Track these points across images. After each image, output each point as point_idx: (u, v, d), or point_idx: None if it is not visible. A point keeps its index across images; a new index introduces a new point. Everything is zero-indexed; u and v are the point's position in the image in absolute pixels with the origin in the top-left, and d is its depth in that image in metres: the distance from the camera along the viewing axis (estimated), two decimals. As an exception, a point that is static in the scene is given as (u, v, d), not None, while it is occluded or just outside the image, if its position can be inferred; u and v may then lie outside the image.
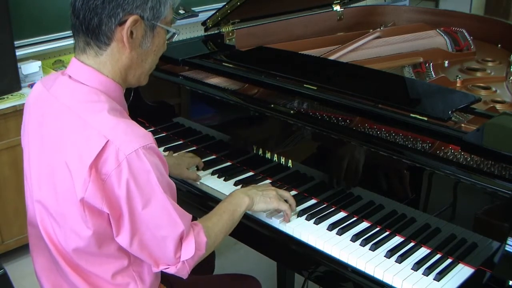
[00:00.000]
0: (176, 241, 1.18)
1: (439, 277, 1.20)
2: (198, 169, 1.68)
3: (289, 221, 1.41)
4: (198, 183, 1.63)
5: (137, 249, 1.16)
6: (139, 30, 1.17)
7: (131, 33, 1.16)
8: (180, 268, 1.21)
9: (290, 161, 1.55)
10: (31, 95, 1.30)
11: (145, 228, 1.14)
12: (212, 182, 1.62)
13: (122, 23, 1.14)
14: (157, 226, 1.15)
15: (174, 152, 1.77)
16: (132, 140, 1.10)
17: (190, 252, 1.20)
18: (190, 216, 1.22)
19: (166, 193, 1.15)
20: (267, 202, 1.39)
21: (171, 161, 1.62)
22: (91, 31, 1.15)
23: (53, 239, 1.22)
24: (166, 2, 1.19)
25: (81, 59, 1.19)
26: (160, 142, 1.85)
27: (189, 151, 1.77)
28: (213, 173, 1.66)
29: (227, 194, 1.54)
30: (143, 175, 1.10)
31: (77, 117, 1.13)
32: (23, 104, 2.46)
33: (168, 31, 1.23)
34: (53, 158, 1.16)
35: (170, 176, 1.22)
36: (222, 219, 1.32)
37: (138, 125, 1.16)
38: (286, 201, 1.42)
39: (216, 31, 2.09)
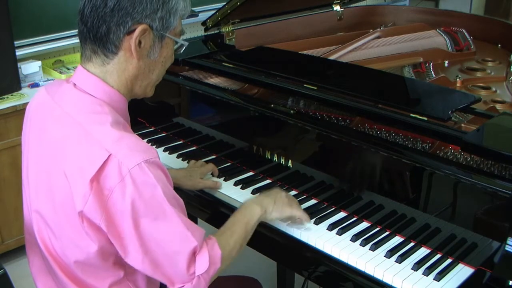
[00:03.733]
0: (189, 256, 1.13)
1: (439, 277, 1.20)
2: (213, 176, 1.64)
3: (309, 220, 1.39)
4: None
5: (149, 269, 1.13)
6: (147, 39, 1.14)
7: (139, 42, 1.13)
8: (196, 284, 1.15)
9: (290, 161, 1.55)
10: (34, 101, 1.28)
11: (155, 245, 1.11)
12: (211, 182, 1.61)
13: (130, 32, 1.12)
14: (168, 242, 1.12)
15: (172, 152, 1.77)
16: (134, 154, 1.07)
17: (204, 266, 1.16)
18: (203, 230, 1.18)
19: (174, 207, 1.12)
20: (280, 211, 1.37)
21: (182, 174, 1.58)
22: (99, 39, 1.13)
23: (50, 249, 1.20)
24: (176, 13, 1.16)
25: (87, 67, 1.17)
26: (160, 142, 1.85)
27: (190, 151, 1.77)
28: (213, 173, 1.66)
29: (227, 194, 1.55)
30: (148, 189, 1.07)
31: (79, 126, 1.11)
32: (23, 104, 2.47)
33: (176, 42, 1.21)
34: (51, 166, 1.14)
35: (180, 189, 1.14)
36: (236, 231, 1.28)
37: (141, 139, 1.14)
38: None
39: (216, 31, 2.09)
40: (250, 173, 1.65)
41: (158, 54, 1.18)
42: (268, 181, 1.60)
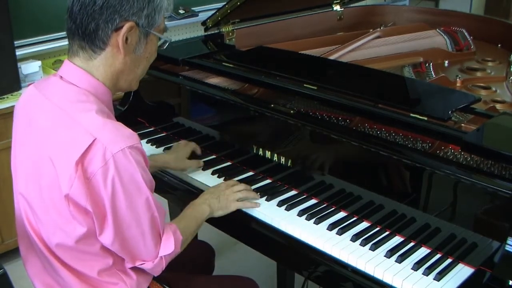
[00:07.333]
0: (152, 230, 1.20)
1: (439, 277, 1.20)
2: (197, 154, 1.74)
3: (258, 205, 1.47)
4: (198, 182, 1.63)
5: (118, 247, 1.19)
6: (134, 36, 1.20)
7: (126, 39, 1.18)
8: (157, 264, 1.24)
9: (290, 161, 1.55)
10: (22, 98, 1.32)
11: (127, 226, 1.17)
12: (212, 182, 1.61)
13: (118, 29, 1.17)
14: (140, 223, 1.18)
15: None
16: (119, 140, 1.12)
17: (169, 248, 1.25)
18: (165, 211, 1.26)
19: (150, 190, 1.18)
20: (223, 208, 1.46)
21: (172, 156, 1.66)
22: (87, 36, 1.17)
23: (36, 231, 1.24)
24: (160, 11, 1.22)
25: (74, 61, 1.22)
26: (160, 142, 1.85)
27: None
28: (213, 173, 1.65)
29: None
30: (129, 173, 1.13)
31: (65, 115, 1.15)
32: (23, 104, 2.47)
33: (160, 39, 1.27)
34: (38, 153, 1.18)
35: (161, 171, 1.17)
36: (191, 224, 1.39)
37: (124, 125, 1.18)
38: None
39: (216, 31, 2.09)
40: (250, 173, 1.65)
41: (143, 50, 1.24)
42: (268, 181, 1.60)
